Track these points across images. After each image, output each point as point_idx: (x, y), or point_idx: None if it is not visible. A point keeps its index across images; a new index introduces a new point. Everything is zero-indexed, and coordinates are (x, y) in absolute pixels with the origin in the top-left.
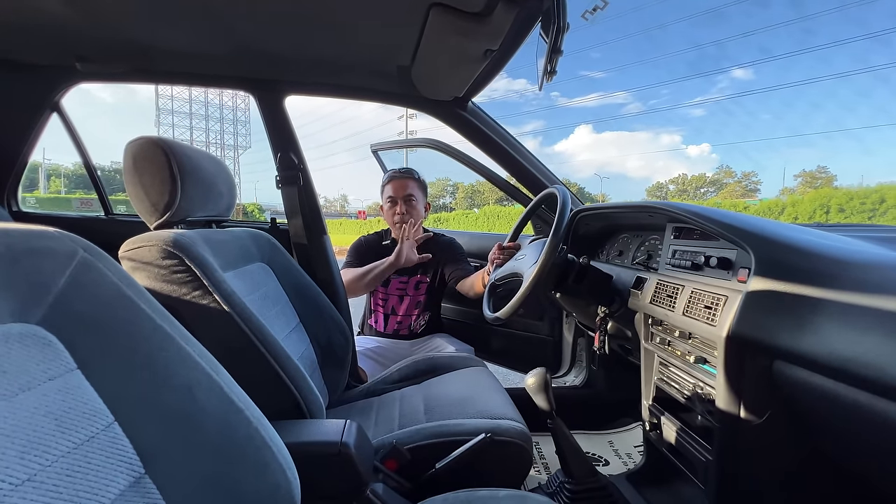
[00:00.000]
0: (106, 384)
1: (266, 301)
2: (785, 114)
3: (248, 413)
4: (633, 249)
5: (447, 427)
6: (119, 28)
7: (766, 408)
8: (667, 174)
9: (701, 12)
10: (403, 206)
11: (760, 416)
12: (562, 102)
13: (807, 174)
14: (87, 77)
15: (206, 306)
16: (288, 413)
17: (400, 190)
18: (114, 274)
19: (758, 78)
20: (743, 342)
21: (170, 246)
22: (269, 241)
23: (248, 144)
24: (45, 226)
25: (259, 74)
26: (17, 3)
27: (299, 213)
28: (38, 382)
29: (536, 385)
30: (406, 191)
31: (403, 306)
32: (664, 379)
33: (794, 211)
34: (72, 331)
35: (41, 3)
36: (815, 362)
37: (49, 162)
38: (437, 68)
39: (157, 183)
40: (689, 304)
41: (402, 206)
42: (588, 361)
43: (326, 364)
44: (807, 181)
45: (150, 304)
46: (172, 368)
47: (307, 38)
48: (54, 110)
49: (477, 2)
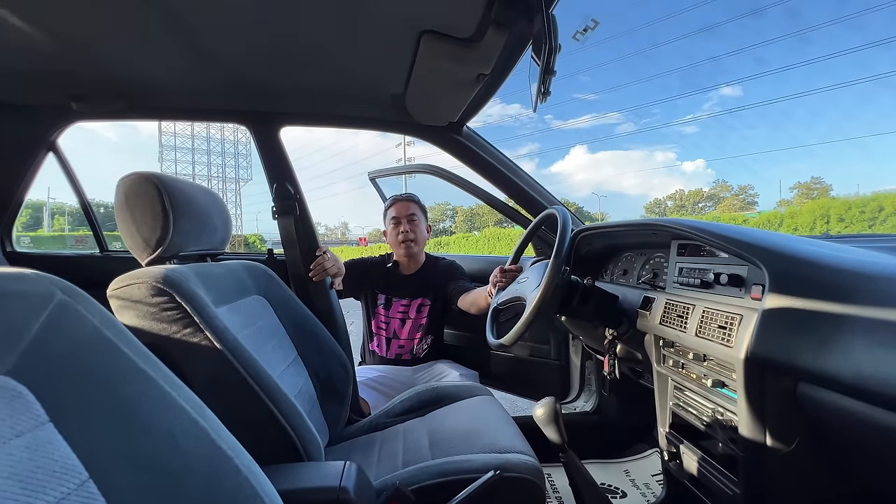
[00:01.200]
0: (80, 437)
1: (262, 335)
2: (781, 125)
3: (237, 461)
4: (639, 268)
5: (453, 464)
6: (113, 67)
7: (794, 434)
8: (663, 190)
9: (694, 31)
10: (407, 225)
11: (788, 444)
12: (556, 125)
13: (802, 185)
14: (82, 116)
15: (198, 344)
16: (283, 455)
17: (403, 210)
18: (94, 316)
19: (745, 94)
20: (763, 364)
21: (160, 283)
22: (266, 273)
23: (249, 176)
24: (36, 265)
25: (253, 107)
26: (10, 46)
27: (296, 243)
28: (3, 440)
29: (546, 416)
30: (409, 210)
31: (405, 329)
32: (680, 404)
33: (794, 222)
34: (44, 380)
35: (35, 46)
36: (841, 383)
37: (53, 201)
38: (430, 94)
39: (149, 218)
40: (701, 324)
41: (405, 224)
42: (598, 386)
43: (326, 399)
44: (803, 192)
45: (133, 346)
46: (154, 415)
47: (300, 70)
48: (50, 150)
49: (467, 27)
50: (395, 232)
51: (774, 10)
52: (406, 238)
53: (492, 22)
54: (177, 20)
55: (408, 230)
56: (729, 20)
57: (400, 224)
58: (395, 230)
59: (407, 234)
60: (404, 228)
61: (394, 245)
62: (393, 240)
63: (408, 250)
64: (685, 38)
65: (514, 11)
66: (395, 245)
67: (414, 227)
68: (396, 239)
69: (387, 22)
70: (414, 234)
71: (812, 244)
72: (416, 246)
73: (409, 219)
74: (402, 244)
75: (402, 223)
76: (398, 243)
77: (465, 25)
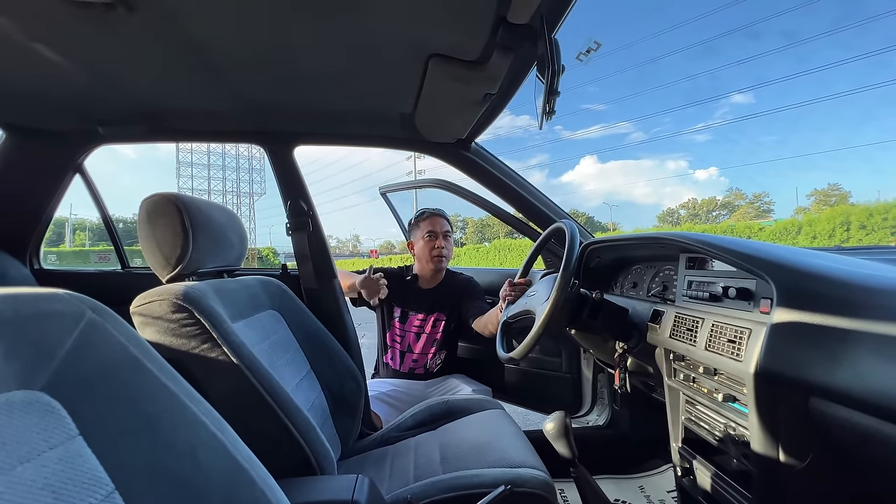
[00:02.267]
0: (107, 450)
1: (276, 349)
2: (790, 135)
3: (253, 473)
4: (648, 281)
5: (464, 479)
6: (137, 94)
7: (808, 450)
8: (675, 199)
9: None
10: (442, 241)
11: (802, 460)
12: (565, 135)
13: (819, 192)
14: (108, 139)
15: (215, 359)
16: (297, 469)
17: (439, 225)
18: (120, 333)
19: (758, 102)
20: (773, 378)
21: (180, 299)
22: (280, 288)
23: (262, 191)
24: (63, 283)
25: (268, 128)
26: (44, 76)
27: (309, 258)
28: (38, 453)
29: (556, 431)
30: (445, 227)
31: (420, 344)
32: (692, 419)
33: (812, 230)
34: (75, 395)
35: (67, 76)
36: (852, 399)
37: (75, 217)
38: (439, 113)
39: (170, 237)
40: (710, 338)
41: (441, 240)
42: (610, 399)
43: (338, 413)
44: (820, 199)
45: (156, 362)
46: (176, 430)
47: (313, 92)
48: (77, 171)
49: (473, 50)
50: (429, 246)
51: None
52: (440, 254)
53: (497, 45)
54: (197, 50)
55: (444, 246)
56: (721, 35)
57: (436, 238)
58: (429, 244)
59: (441, 251)
60: (440, 244)
61: (424, 258)
62: (425, 253)
63: (438, 265)
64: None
65: (519, 36)
66: (425, 258)
67: (447, 244)
68: (430, 253)
69: (396, 47)
70: (448, 251)
71: (820, 257)
72: (446, 262)
73: (444, 235)
74: (434, 258)
75: (439, 239)
76: (431, 257)
77: (472, 49)
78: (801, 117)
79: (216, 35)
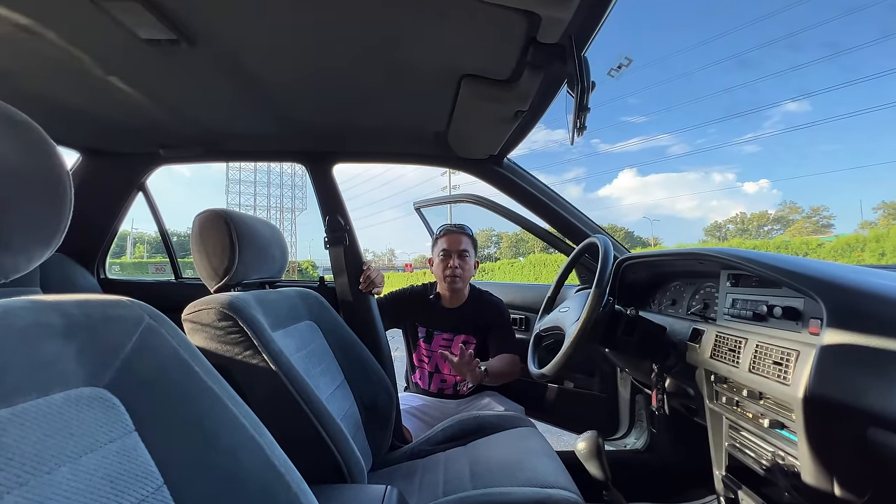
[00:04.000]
0: (158, 446)
1: (312, 359)
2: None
3: (288, 477)
4: (688, 298)
5: (494, 496)
6: (195, 120)
7: (866, 485)
8: (722, 213)
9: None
10: (457, 261)
11: (860, 496)
12: (603, 148)
13: (888, 205)
14: (168, 161)
15: (256, 365)
16: (329, 476)
17: (455, 244)
18: (173, 338)
19: (813, 109)
20: (825, 405)
21: (226, 308)
22: (317, 300)
23: (303, 206)
24: (124, 291)
25: (310, 147)
26: (114, 105)
27: (345, 271)
28: (100, 444)
29: (588, 451)
30: (461, 246)
31: (447, 365)
32: (737, 445)
33: (879, 247)
34: (133, 393)
35: (134, 104)
36: None
37: (136, 231)
38: (471, 131)
39: (219, 250)
40: (755, 360)
41: (455, 259)
42: (649, 422)
43: (370, 424)
44: (889, 212)
45: (203, 366)
46: (219, 430)
47: (350, 113)
48: (140, 190)
49: (504, 70)
50: (443, 265)
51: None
52: (453, 274)
53: (527, 64)
54: (250, 80)
55: (456, 265)
56: (760, 46)
57: (450, 258)
58: (443, 263)
59: (454, 270)
60: (453, 264)
61: (438, 277)
62: (439, 272)
63: (452, 285)
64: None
65: (549, 55)
66: (439, 278)
67: (463, 264)
68: (443, 273)
69: (430, 69)
70: (462, 271)
71: (876, 275)
72: (462, 282)
73: (459, 254)
74: (447, 279)
75: (453, 258)
76: (443, 277)
77: (503, 69)
78: (858, 121)
79: (267, 66)
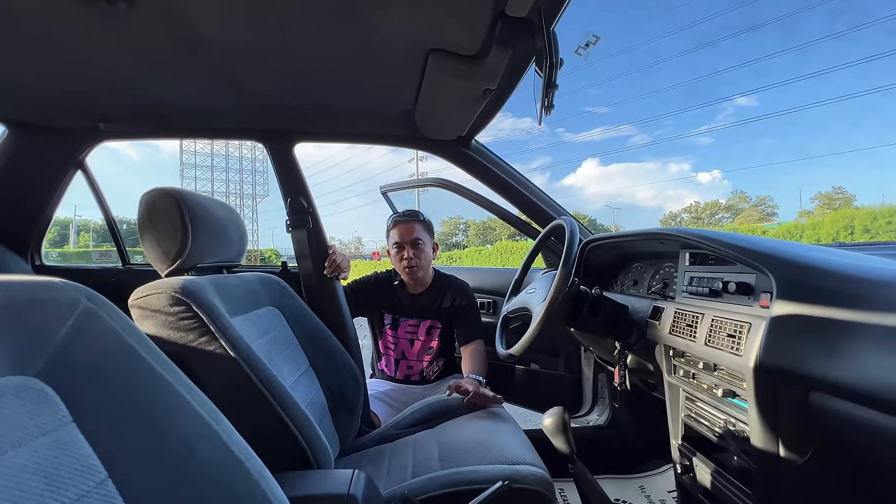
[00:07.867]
0: (101, 437)
1: (275, 345)
2: (790, 135)
3: (248, 465)
4: (648, 278)
5: (462, 475)
6: (138, 90)
7: (808, 445)
8: (678, 202)
9: (696, 47)
10: (411, 251)
11: (802, 455)
12: (568, 138)
13: (823, 196)
14: (109, 136)
15: (213, 352)
16: (294, 463)
17: (406, 234)
18: (116, 322)
19: (761, 104)
20: (772, 372)
21: (178, 293)
22: (279, 285)
23: (265, 193)
24: (63, 278)
25: (269, 125)
26: (45, 72)
27: (309, 255)
28: (30, 438)
29: (554, 426)
30: (413, 235)
31: (414, 351)
32: (692, 415)
33: (815, 234)
34: (69, 382)
35: (68, 72)
36: (853, 392)
37: (79, 218)
38: (438, 109)
39: (169, 231)
40: (710, 333)
41: (409, 251)
42: (610, 399)
43: (337, 410)
44: (824, 203)
45: (152, 352)
46: (171, 419)
47: (313, 89)
48: (79, 168)
49: (472, 45)
50: (399, 258)
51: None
52: (409, 265)
53: (495, 40)
54: (198, 46)
55: (412, 256)
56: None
57: (403, 249)
58: (398, 255)
59: (410, 262)
60: (408, 255)
61: (397, 268)
62: (396, 264)
63: (412, 276)
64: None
65: (517, 30)
66: (398, 269)
67: (418, 253)
68: (400, 264)
69: (395, 42)
70: (418, 260)
71: (821, 251)
72: (421, 271)
73: (413, 244)
74: (405, 270)
75: (406, 249)
76: (402, 269)
77: (470, 44)
78: (799, 116)
79: (217, 31)
